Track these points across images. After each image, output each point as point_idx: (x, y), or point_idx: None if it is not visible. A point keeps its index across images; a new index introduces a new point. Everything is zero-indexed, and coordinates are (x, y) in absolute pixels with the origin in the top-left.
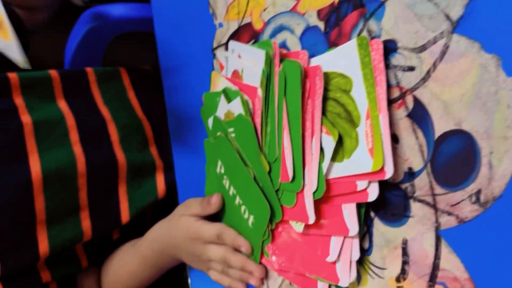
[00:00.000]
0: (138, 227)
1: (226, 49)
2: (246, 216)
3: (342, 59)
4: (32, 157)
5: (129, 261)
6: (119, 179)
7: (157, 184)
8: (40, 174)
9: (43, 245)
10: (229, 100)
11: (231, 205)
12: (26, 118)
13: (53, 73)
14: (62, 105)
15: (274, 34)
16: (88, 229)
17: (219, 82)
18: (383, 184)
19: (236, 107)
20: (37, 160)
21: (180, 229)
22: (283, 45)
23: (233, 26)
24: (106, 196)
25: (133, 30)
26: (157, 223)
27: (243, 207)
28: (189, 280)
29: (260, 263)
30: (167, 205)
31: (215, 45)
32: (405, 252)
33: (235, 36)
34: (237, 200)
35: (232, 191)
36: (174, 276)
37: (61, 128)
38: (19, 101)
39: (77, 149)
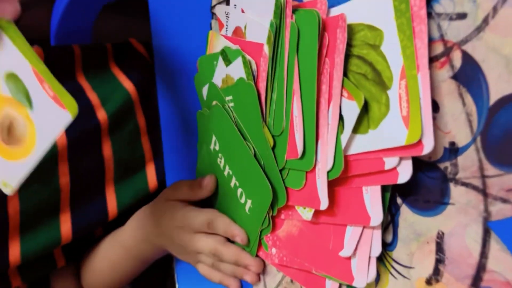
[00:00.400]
0: (124, 221)
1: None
2: (242, 200)
3: (371, 8)
4: None
5: (110, 253)
6: (106, 178)
7: (148, 178)
8: None
9: (14, 253)
10: (228, 62)
11: (225, 188)
12: None
13: (37, 51)
14: None
15: None
16: (68, 233)
17: (217, 43)
18: (415, 163)
19: (237, 70)
20: None
21: (165, 216)
22: None
23: None
24: (92, 195)
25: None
26: (140, 209)
27: (239, 190)
28: (176, 274)
29: (257, 256)
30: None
31: (214, 2)
32: (440, 248)
33: None
34: (233, 181)
35: (227, 171)
36: (159, 270)
37: None
38: None
39: (60, 141)
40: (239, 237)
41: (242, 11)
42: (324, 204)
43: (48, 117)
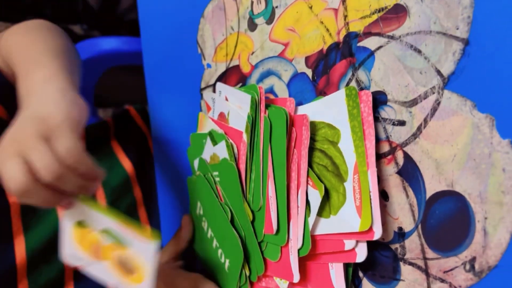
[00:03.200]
0: None
1: (214, 90)
2: (222, 260)
3: (330, 109)
4: (17, 239)
5: None
6: None
7: None
8: (24, 257)
9: None
10: (214, 142)
11: (209, 248)
12: (13, 197)
13: None
14: None
15: (261, 78)
16: None
17: (205, 124)
18: (372, 243)
19: (221, 151)
20: (22, 242)
21: (157, 282)
22: (271, 90)
23: (221, 68)
24: None
25: (125, 63)
26: None
27: (219, 251)
28: None
29: None
30: None
31: (203, 85)
32: None
33: (222, 78)
34: (214, 243)
35: (210, 233)
36: None
37: None
38: None
39: None
40: None
41: (226, 99)
42: (296, 278)
43: (141, 249)
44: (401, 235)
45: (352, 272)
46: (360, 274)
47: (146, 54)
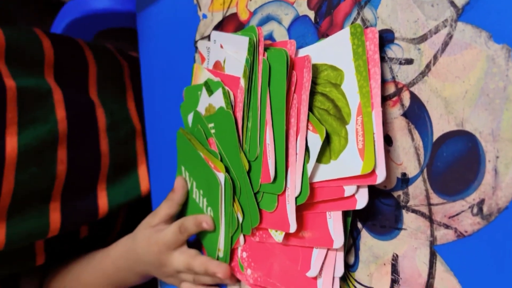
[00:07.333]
0: (110, 227)
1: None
2: (209, 212)
3: (333, 50)
4: (10, 129)
5: (86, 277)
6: (100, 174)
7: (140, 180)
8: (15, 150)
9: None
10: (210, 93)
11: (196, 208)
12: (10, 82)
13: (48, 51)
14: (50, 79)
15: (260, 24)
16: (56, 223)
17: (201, 75)
18: (372, 191)
19: (218, 100)
20: (15, 133)
21: (144, 244)
22: (270, 37)
23: (218, 17)
24: (84, 189)
25: (117, 26)
26: (121, 238)
27: (209, 209)
28: None
29: (233, 275)
30: (142, 204)
31: (197, 37)
32: (394, 270)
33: (219, 28)
34: (201, 201)
35: (194, 191)
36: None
37: (48, 102)
38: (1, 66)
39: (62, 128)
40: (205, 223)
41: (221, 47)
42: (293, 227)
43: None
44: (405, 181)
45: (351, 223)
46: (359, 225)
47: (139, 7)
